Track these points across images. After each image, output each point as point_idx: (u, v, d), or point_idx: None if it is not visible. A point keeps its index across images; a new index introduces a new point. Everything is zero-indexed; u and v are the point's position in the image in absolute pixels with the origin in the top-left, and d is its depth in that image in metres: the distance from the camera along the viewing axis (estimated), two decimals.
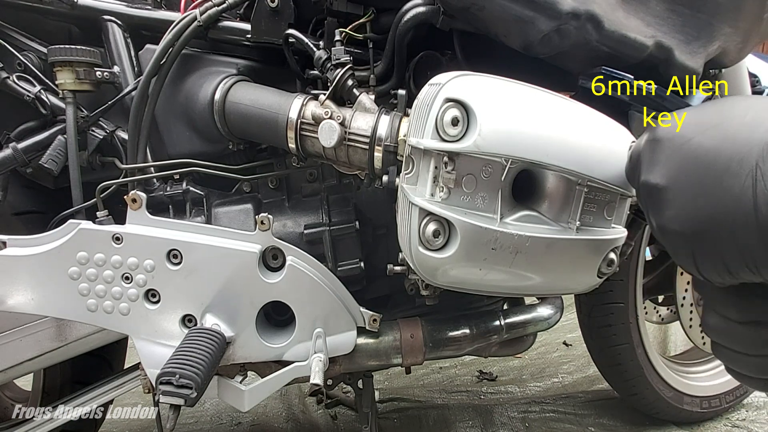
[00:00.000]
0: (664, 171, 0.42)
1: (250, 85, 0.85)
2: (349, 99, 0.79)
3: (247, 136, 0.85)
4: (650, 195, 0.43)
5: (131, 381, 1.05)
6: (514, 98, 0.55)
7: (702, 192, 0.38)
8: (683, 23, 0.71)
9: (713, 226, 0.38)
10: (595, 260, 0.59)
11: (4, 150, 0.84)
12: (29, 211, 0.96)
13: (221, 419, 1.48)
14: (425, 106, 0.56)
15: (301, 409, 1.50)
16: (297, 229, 0.88)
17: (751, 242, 0.36)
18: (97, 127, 0.88)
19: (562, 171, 0.54)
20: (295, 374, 0.78)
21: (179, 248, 0.73)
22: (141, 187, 0.86)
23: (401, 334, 0.86)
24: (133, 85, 0.86)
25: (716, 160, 0.38)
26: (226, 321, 0.76)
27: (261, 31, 0.84)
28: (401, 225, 0.62)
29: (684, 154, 0.40)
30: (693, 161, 0.40)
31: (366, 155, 0.75)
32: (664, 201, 0.41)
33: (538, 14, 0.65)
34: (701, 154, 0.39)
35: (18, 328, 0.89)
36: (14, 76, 0.84)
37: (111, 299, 0.75)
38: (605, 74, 0.70)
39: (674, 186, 0.40)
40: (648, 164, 0.44)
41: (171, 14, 0.91)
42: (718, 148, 0.38)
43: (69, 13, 0.88)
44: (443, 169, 0.53)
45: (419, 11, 0.75)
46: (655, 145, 0.44)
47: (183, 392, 0.63)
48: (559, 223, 0.57)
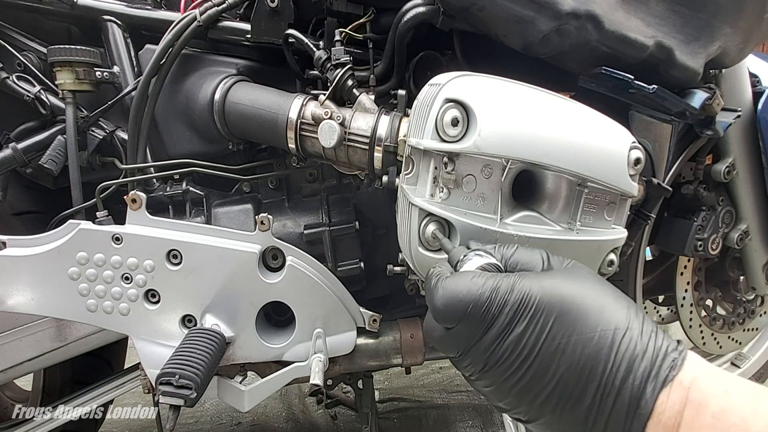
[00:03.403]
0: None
1: (250, 85, 0.85)
2: (349, 99, 0.79)
3: (246, 136, 0.85)
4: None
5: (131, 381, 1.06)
6: (514, 99, 0.55)
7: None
8: (684, 23, 0.71)
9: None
10: (595, 260, 0.59)
11: (4, 150, 0.84)
12: (29, 211, 0.96)
13: (221, 419, 1.48)
14: (425, 107, 0.55)
15: (301, 409, 1.50)
16: (297, 229, 0.88)
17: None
18: (96, 127, 0.88)
19: (562, 172, 0.54)
20: (295, 374, 0.78)
21: (179, 248, 0.73)
22: (141, 187, 0.86)
23: (401, 334, 0.86)
24: (133, 85, 0.86)
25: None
26: (226, 321, 0.76)
27: (261, 31, 0.84)
28: (401, 225, 0.62)
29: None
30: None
31: (366, 155, 0.75)
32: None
33: (538, 14, 0.65)
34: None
35: (18, 328, 0.89)
36: (14, 76, 0.84)
37: (111, 299, 0.75)
38: (605, 74, 0.70)
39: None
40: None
41: (171, 14, 0.91)
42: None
43: (69, 13, 0.88)
44: (443, 170, 0.53)
45: (419, 11, 0.75)
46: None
47: (183, 392, 0.63)
48: (560, 223, 0.56)
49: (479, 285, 0.41)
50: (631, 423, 0.35)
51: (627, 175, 0.57)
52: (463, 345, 0.41)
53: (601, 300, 0.40)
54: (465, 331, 0.41)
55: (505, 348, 0.39)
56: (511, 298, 0.39)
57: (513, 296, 0.39)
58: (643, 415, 0.35)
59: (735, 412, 0.34)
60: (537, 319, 0.39)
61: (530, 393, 0.39)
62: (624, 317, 0.39)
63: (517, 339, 0.39)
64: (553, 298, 0.39)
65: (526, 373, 0.39)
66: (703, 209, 1.00)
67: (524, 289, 0.40)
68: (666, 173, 0.83)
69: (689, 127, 0.86)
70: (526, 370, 0.39)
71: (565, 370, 0.38)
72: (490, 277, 0.41)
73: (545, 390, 0.38)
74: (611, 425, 0.36)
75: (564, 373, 0.38)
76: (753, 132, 0.97)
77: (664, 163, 0.81)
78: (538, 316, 0.39)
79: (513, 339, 0.39)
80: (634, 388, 0.36)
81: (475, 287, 0.41)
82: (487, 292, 0.40)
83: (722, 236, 1.01)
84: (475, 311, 0.40)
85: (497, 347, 0.39)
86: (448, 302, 0.41)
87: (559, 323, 0.38)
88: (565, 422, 0.38)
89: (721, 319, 1.19)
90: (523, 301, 0.39)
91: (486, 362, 0.40)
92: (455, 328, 0.42)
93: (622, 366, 0.37)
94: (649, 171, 0.79)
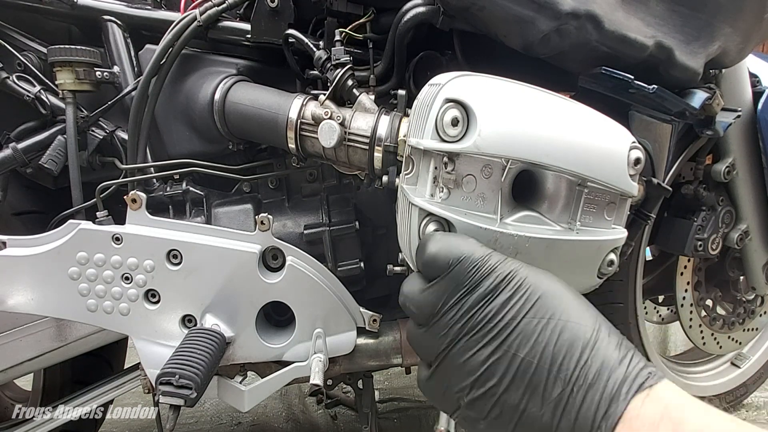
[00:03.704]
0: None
1: (250, 85, 0.85)
2: (349, 99, 0.79)
3: (246, 136, 0.85)
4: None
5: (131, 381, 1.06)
6: (514, 99, 0.55)
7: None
8: (683, 23, 0.71)
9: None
10: (595, 261, 0.59)
11: (4, 150, 0.84)
12: (29, 211, 0.96)
13: (221, 419, 1.48)
14: (425, 107, 0.55)
15: (301, 409, 1.50)
16: (297, 229, 0.88)
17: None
18: (96, 127, 0.88)
19: (562, 172, 0.54)
20: (295, 374, 0.78)
21: (179, 248, 0.73)
22: (141, 187, 0.86)
23: (401, 334, 0.86)
24: (133, 85, 0.86)
25: None
26: (226, 321, 0.76)
27: (261, 31, 0.84)
28: (401, 225, 0.62)
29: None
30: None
31: (366, 155, 0.75)
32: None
33: (538, 14, 0.65)
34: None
35: (18, 328, 0.89)
36: (14, 76, 0.84)
37: (111, 299, 0.75)
38: (605, 74, 0.70)
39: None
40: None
41: (171, 14, 0.91)
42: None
43: (69, 13, 0.88)
44: (443, 170, 0.53)
45: (419, 11, 0.75)
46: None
47: (183, 392, 0.63)
48: (560, 223, 0.56)
49: (474, 245, 0.43)
50: (599, 421, 0.34)
51: (627, 175, 0.57)
52: (442, 300, 0.41)
53: (585, 303, 0.41)
54: (449, 286, 0.41)
55: (486, 313, 0.39)
56: (501, 268, 0.40)
57: (502, 267, 0.40)
58: (614, 414, 0.34)
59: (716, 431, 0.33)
60: (522, 293, 0.39)
61: (500, 368, 0.38)
62: (605, 326, 0.39)
63: (500, 307, 0.39)
64: (540, 282, 0.40)
65: (502, 345, 0.38)
66: (703, 209, 1.00)
67: (514, 266, 0.41)
68: (666, 173, 0.83)
69: (689, 127, 0.86)
70: (503, 340, 0.38)
71: (541, 349, 0.37)
72: (484, 247, 0.43)
73: (516, 366, 0.37)
74: (580, 422, 0.35)
75: (539, 352, 0.37)
76: (753, 132, 0.97)
77: (664, 163, 0.81)
78: (523, 290, 0.39)
79: (495, 305, 0.39)
80: (608, 386, 0.35)
81: (470, 246, 0.42)
82: (480, 253, 0.41)
83: (722, 236, 1.01)
84: (466, 264, 0.41)
85: (479, 311, 0.39)
86: (441, 249, 0.43)
87: (543, 302, 0.38)
88: (531, 415, 0.37)
89: (721, 319, 1.19)
90: (511, 274, 0.40)
91: (465, 325, 0.39)
92: (439, 282, 0.42)
93: (597, 361, 0.36)
94: (649, 171, 0.79)
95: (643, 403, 0.34)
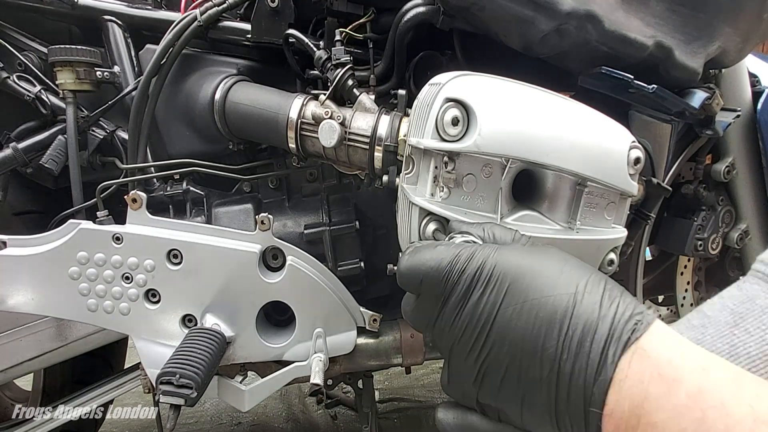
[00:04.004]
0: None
1: (250, 85, 0.86)
2: (349, 99, 0.79)
3: (247, 136, 0.85)
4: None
5: (131, 381, 1.06)
6: (514, 98, 0.55)
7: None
8: (683, 23, 0.71)
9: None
10: (595, 260, 0.59)
11: (5, 150, 0.84)
12: (29, 211, 0.96)
13: (221, 419, 1.48)
14: (425, 106, 0.55)
15: (301, 409, 1.50)
16: (297, 229, 0.88)
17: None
18: (97, 127, 0.88)
19: (562, 171, 0.54)
20: (295, 374, 0.78)
21: (179, 248, 0.73)
22: (141, 187, 0.86)
23: (401, 334, 0.86)
24: (134, 85, 0.86)
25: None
26: (227, 321, 0.76)
27: (261, 31, 0.84)
28: (401, 225, 0.62)
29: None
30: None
31: (366, 155, 0.75)
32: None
33: (538, 14, 0.65)
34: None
35: (18, 328, 0.90)
36: (14, 76, 0.84)
37: (111, 299, 0.75)
38: (605, 74, 0.70)
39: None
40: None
41: (171, 14, 0.91)
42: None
43: (69, 13, 0.88)
44: (443, 169, 0.53)
45: (419, 11, 0.75)
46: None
47: (183, 392, 0.63)
48: (560, 222, 0.57)
49: (441, 252, 0.41)
50: (590, 391, 0.32)
51: (627, 174, 0.57)
52: (427, 317, 0.41)
53: (560, 266, 0.38)
54: (428, 301, 0.41)
55: (463, 319, 0.38)
56: (469, 267, 0.39)
57: (471, 265, 0.39)
58: (603, 382, 0.32)
59: (714, 394, 0.30)
60: (492, 286, 0.37)
61: (492, 365, 0.37)
62: (584, 282, 0.36)
63: (473, 308, 0.37)
64: (509, 265, 0.38)
65: (486, 343, 0.37)
66: (703, 209, 1.00)
67: (482, 258, 0.39)
68: (666, 173, 0.83)
69: (689, 126, 0.86)
70: (486, 338, 0.37)
71: (522, 338, 0.35)
72: (453, 247, 0.41)
73: (506, 360, 0.36)
74: (572, 398, 0.33)
75: (522, 338, 0.35)
76: (752, 132, 0.97)
77: (663, 162, 0.81)
78: (494, 282, 0.37)
79: (470, 308, 0.38)
80: (593, 351, 0.33)
81: (437, 255, 0.40)
82: (447, 259, 0.40)
83: (722, 236, 1.01)
84: (434, 276, 0.40)
85: (456, 319, 0.38)
86: (409, 269, 0.41)
87: (514, 289, 0.37)
88: (531, 402, 0.35)
89: None
90: (479, 269, 0.38)
91: (451, 334, 0.39)
92: (419, 301, 0.42)
93: (578, 328, 0.34)
94: (648, 171, 0.79)
95: (630, 361, 0.32)
